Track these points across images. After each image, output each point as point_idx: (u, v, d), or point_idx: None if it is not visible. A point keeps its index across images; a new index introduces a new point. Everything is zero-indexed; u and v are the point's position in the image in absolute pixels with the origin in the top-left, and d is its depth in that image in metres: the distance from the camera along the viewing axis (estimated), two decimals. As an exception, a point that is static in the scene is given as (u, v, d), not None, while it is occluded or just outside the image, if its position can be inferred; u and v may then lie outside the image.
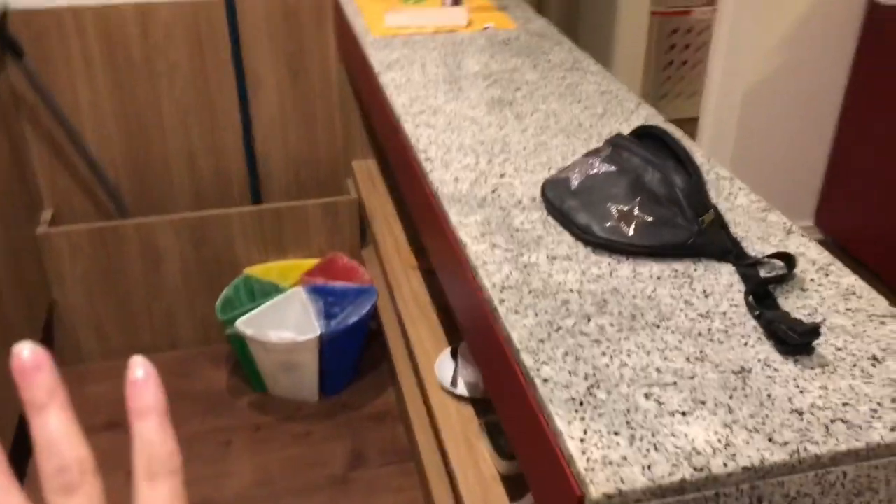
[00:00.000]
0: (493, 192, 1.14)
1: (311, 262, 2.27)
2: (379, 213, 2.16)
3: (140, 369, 0.32)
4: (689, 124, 2.97)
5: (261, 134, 2.35)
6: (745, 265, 0.97)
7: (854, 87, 2.57)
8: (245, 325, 2.01)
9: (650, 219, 1.01)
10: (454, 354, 1.56)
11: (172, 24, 2.15)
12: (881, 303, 0.92)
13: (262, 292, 2.19)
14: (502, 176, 1.18)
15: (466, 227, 1.06)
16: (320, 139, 2.40)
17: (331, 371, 2.08)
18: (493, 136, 1.30)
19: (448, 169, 1.21)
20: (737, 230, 1.05)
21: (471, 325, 1.04)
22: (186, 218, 2.15)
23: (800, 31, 2.48)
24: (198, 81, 2.23)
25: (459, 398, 1.50)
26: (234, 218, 2.19)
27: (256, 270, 2.23)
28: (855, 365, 0.83)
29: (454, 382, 1.52)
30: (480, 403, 1.48)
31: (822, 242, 2.80)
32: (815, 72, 2.56)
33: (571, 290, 0.94)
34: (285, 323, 2.10)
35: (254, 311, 2.04)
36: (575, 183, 1.08)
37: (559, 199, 1.08)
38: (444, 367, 1.56)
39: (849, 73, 2.58)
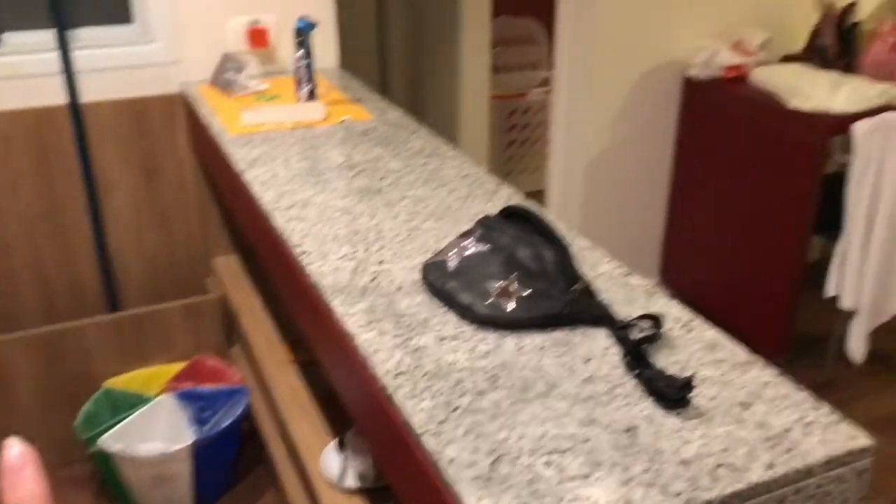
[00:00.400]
0: (374, 279, 1.17)
1: (177, 368, 2.19)
2: (246, 309, 2.12)
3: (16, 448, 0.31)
4: (537, 197, 3.14)
5: (115, 238, 2.27)
6: (618, 329, 1.04)
7: (679, 153, 2.81)
8: (110, 440, 1.90)
9: (527, 293, 1.06)
10: (341, 445, 1.54)
11: (12, 135, 2.06)
12: (740, 351, 1.01)
13: (126, 404, 2.08)
14: (381, 263, 1.21)
15: (352, 316, 1.08)
16: (178, 239, 2.35)
17: (205, 480, 1.99)
18: (366, 224, 1.33)
19: (326, 260, 1.22)
20: (605, 296, 1.13)
21: (365, 414, 1.05)
22: (37, 334, 2.03)
23: (628, 106, 2.70)
24: (44, 190, 2.14)
25: (350, 492, 1.48)
26: (90, 329, 2.09)
27: (118, 382, 2.12)
28: (728, 412, 0.90)
29: (343, 475, 1.50)
30: (374, 493, 1.47)
31: (669, 299, 2.99)
32: (645, 142, 2.78)
33: (463, 369, 0.97)
34: (153, 434, 2.00)
35: (118, 426, 1.94)
36: (453, 264, 1.13)
37: (440, 281, 1.12)
38: (330, 461, 1.53)
39: (674, 141, 2.82)
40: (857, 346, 2.42)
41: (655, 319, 1.04)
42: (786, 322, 2.53)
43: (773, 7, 2.79)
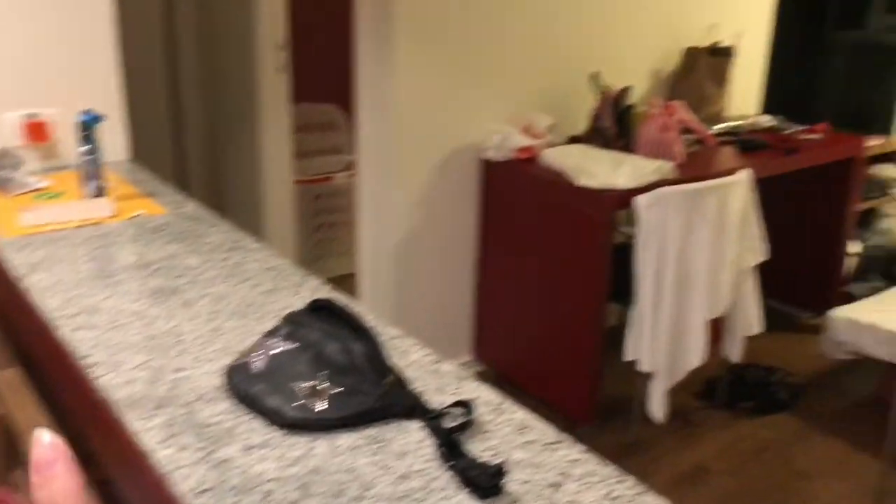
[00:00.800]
0: (172, 389, 1.09)
1: (-49, 498, 1.93)
2: (31, 428, 1.92)
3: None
4: (348, 280, 3.12)
5: None
6: (431, 419, 1.03)
7: (483, 231, 2.91)
8: None
9: (337, 390, 1.03)
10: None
11: None
12: (549, 430, 1.03)
13: None
14: (180, 370, 1.14)
15: (148, 432, 1.00)
16: (-52, 353, 2.10)
17: None
18: (162, 328, 1.25)
19: (118, 371, 1.13)
20: (416, 385, 1.12)
21: (167, 539, 0.96)
22: None
23: (431, 188, 2.77)
24: None
25: None
26: None
27: None
28: (540, 495, 0.91)
29: None
30: None
31: (483, 374, 3.05)
32: (450, 221, 2.86)
33: (272, 479, 0.92)
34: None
35: None
36: (258, 366, 1.08)
37: (245, 385, 1.07)
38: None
39: (477, 220, 2.92)
40: (657, 406, 2.56)
41: (467, 406, 1.05)
42: (591, 389, 2.64)
43: (558, 93, 3.00)
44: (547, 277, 2.70)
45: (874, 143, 4.03)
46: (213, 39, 3.54)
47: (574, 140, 2.91)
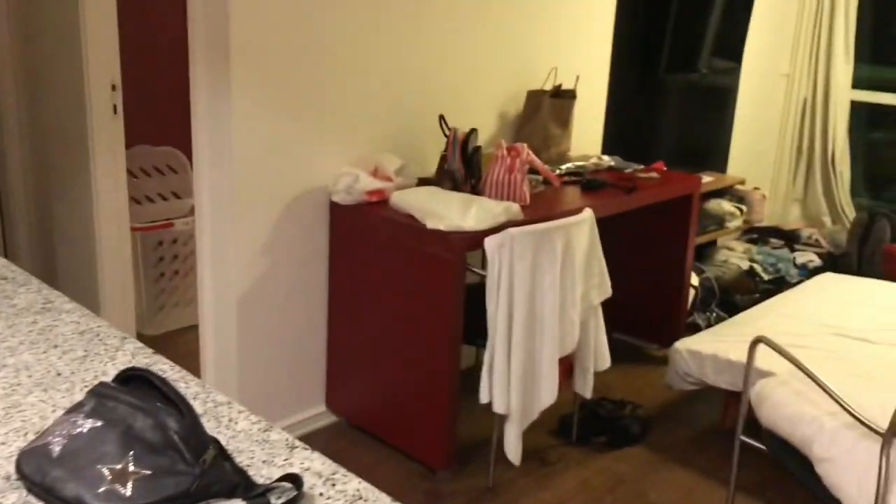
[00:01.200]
0: (-47, 481, 0.95)
1: None
2: None
3: None
4: (193, 332, 2.95)
5: None
6: (255, 497, 0.94)
7: (334, 276, 2.83)
8: None
9: (148, 472, 0.92)
10: None
11: None
12: (385, 499, 0.96)
13: None
14: (-37, 458, 0.99)
15: (-83, 537, 0.85)
16: None
17: None
18: (-53, 409, 1.10)
19: None
20: (241, 458, 1.03)
21: None
22: None
23: (277, 233, 2.67)
24: None
25: None
26: None
27: None
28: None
29: None
30: None
31: (335, 425, 2.95)
32: (299, 267, 2.76)
33: (65, 585, 0.80)
34: None
35: None
36: (57, 449, 0.95)
37: (40, 473, 0.94)
38: None
39: (328, 265, 2.84)
40: (512, 448, 2.54)
41: (296, 479, 0.96)
42: (448, 434, 2.59)
43: (407, 134, 2.98)
44: (400, 322, 2.65)
45: (709, 179, 4.27)
46: (38, 81, 3.31)
47: (424, 182, 2.89)
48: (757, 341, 2.12)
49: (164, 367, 1.24)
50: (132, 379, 1.04)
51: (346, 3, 2.67)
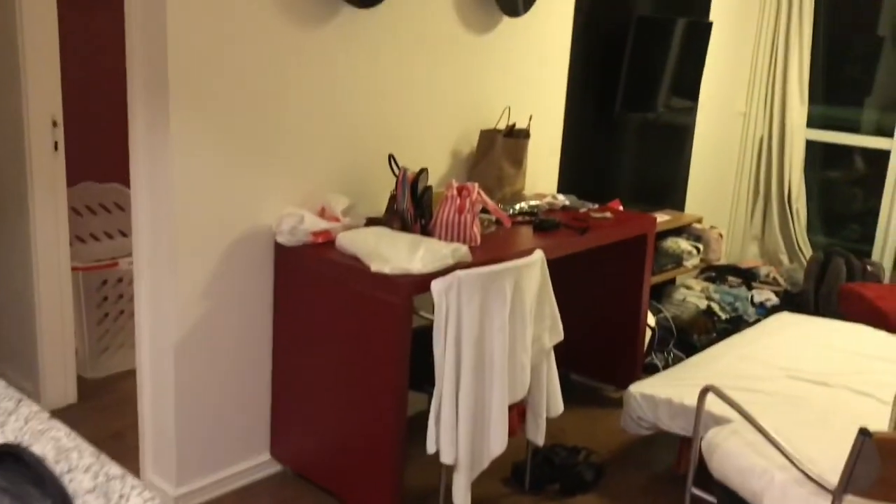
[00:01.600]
0: None
1: None
2: None
3: None
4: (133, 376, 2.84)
5: None
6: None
7: (279, 321, 2.74)
8: None
9: (13, 564, 0.83)
10: None
11: None
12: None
13: None
14: None
15: None
16: None
17: None
18: None
19: None
20: (130, 542, 0.94)
21: None
22: None
23: (219, 276, 2.57)
24: None
25: None
26: None
27: None
28: None
29: None
30: None
31: (279, 474, 2.84)
32: (242, 312, 2.66)
33: None
34: None
35: None
36: (-86, 536, 0.86)
37: None
38: None
39: (272, 309, 2.75)
40: (461, 498, 2.45)
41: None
42: (393, 484, 2.50)
43: (356, 173, 2.91)
44: (345, 367, 2.56)
45: (666, 217, 4.26)
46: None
47: (373, 222, 2.82)
48: (706, 390, 2.07)
49: (58, 435, 1.15)
50: (7, 455, 0.95)
51: (294, 38, 2.61)
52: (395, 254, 2.47)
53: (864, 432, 1.58)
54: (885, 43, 4.70)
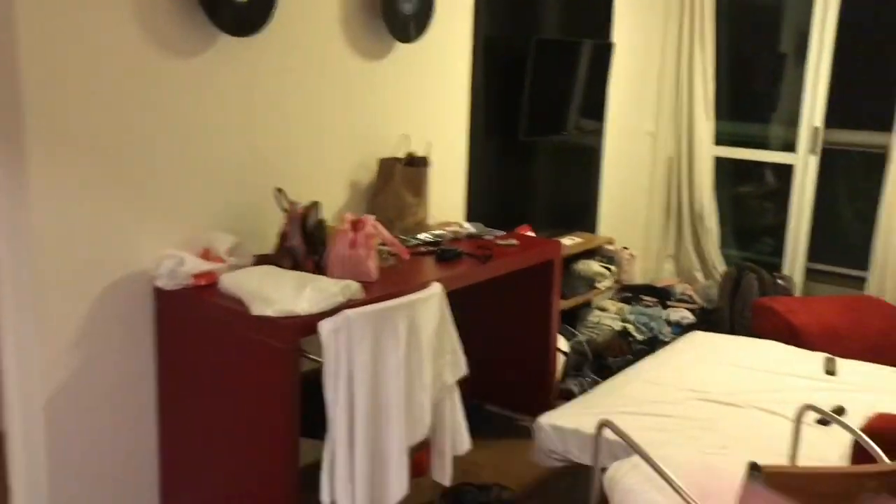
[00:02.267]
0: None
1: None
2: None
3: None
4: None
5: None
6: None
7: (162, 369, 2.57)
8: None
9: None
10: None
11: None
12: None
13: None
14: None
15: None
16: None
17: None
18: None
19: None
20: None
21: None
22: None
23: (92, 325, 2.40)
24: None
25: None
26: None
27: None
28: None
29: None
30: None
31: (170, 534, 2.66)
32: (119, 362, 2.49)
33: None
34: None
35: None
36: None
37: None
38: None
39: (154, 357, 2.58)
40: (359, 550, 2.32)
41: None
42: (287, 540, 2.35)
43: (240, 211, 2.77)
44: (234, 418, 2.41)
45: (577, 240, 4.21)
46: None
47: (262, 260, 2.68)
48: (602, 425, 1.98)
49: None
50: None
51: (166, 70, 2.47)
52: (279, 294, 2.33)
53: (754, 467, 1.51)
54: (787, 60, 4.78)
